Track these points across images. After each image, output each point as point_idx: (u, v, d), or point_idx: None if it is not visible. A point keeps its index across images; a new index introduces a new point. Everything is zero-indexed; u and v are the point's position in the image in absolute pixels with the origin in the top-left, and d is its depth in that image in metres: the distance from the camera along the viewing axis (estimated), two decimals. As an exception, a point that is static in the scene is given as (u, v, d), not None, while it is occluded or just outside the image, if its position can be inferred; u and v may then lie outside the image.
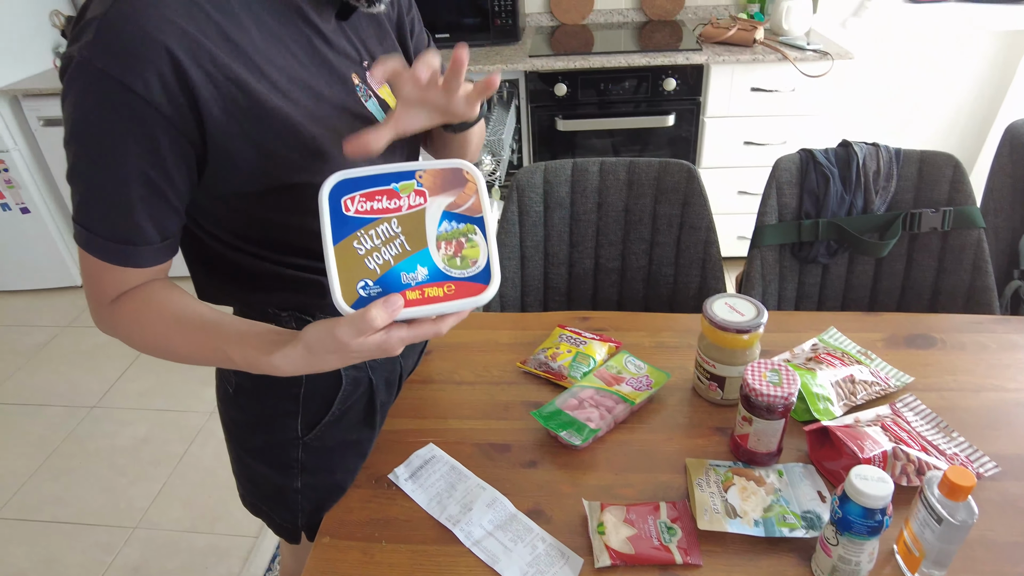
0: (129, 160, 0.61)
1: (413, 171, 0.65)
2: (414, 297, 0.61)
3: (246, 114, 0.64)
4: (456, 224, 0.64)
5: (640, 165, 1.33)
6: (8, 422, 2.30)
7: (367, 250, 0.62)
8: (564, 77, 2.38)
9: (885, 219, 1.28)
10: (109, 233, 0.65)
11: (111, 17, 0.57)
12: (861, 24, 2.55)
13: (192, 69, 0.59)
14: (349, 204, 0.63)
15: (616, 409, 0.93)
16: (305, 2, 0.70)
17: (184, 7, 0.60)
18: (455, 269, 0.63)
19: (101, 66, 0.57)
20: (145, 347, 0.71)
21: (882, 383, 0.97)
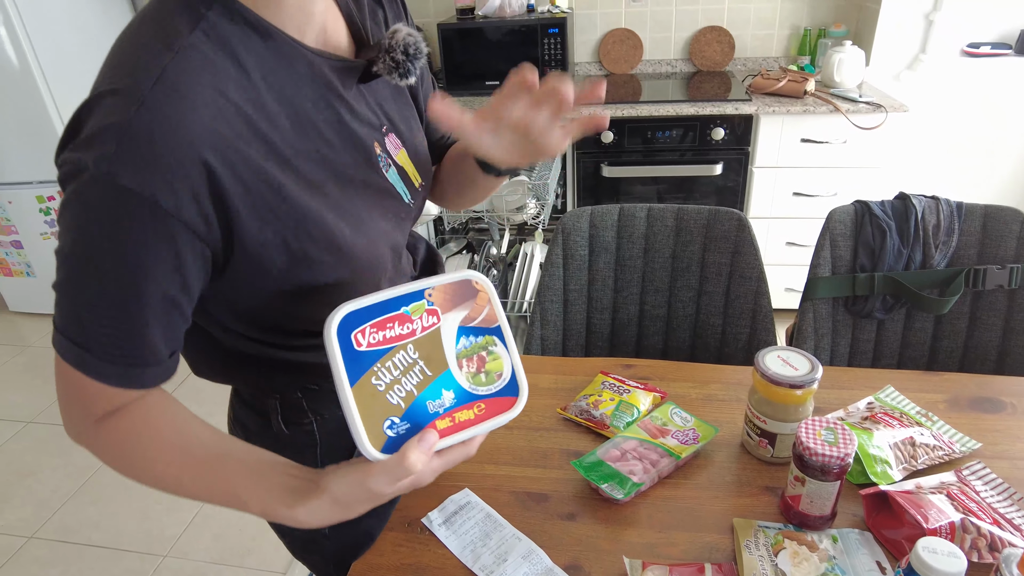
0: (152, 283, 0.54)
1: (422, 290, 0.60)
2: (445, 426, 0.57)
3: (280, 218, 0.59)
4: (474, 338, 0.61)
5: (689, 212, 1.32)
6: (56, 443, 2.36)
7: (387, 384, 0.57)
8: (611, 125, 2.40)
9: (946, 275, 1.23)
10: (111, 355, 0.57)
11: (138, 127, 0.50)
12: (916, 78, 2.52)
13: (227, 179, 0.54)
14: (360, 338, 0.57)
15: (661, 463, 0.90)
16: (333, 74, 0.65)
17: (216, 107, 0.54)
18: (481, 386, 0.59)
19: (125, 183, 0.50)
20: (140, 479, 0.63)
21: (945, 447, 0.91)
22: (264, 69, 0.59)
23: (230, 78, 0.56)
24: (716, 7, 2.74)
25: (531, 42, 2.53)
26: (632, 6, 2.79)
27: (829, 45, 2.55)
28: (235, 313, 0.70)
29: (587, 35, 2.87)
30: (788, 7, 2.71)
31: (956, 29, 2.42)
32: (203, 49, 0.55)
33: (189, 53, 0.54)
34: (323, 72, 0.63)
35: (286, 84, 0.61)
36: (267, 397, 0.83)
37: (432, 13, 2.94)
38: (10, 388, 2.69)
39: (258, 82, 0.58)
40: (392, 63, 0.66)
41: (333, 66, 0.64)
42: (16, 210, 2.94)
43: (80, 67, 2.80)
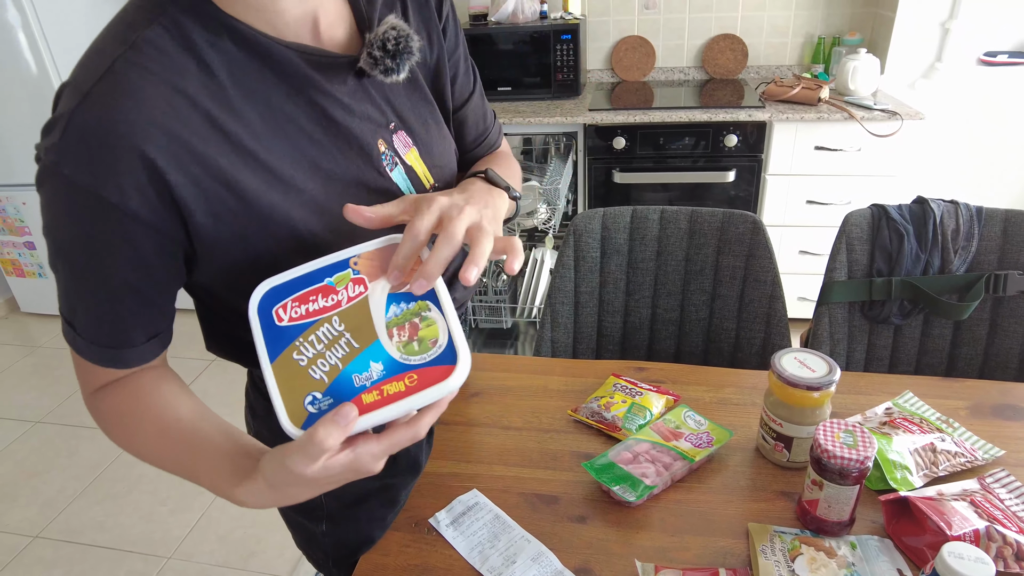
0: (109, 270, 0.55)
1: (347, 259, 0.58)
2: (372, 399, 0.52)
3: (239, 217, 0.58)
4: (406, 305, 0.56)
5: (703, 215, 1.30)
6: (64, 443, 2.36)
7: (309, 359, 0.54)
8: (623, 131, 2.39)
9: (966, 280, 1.21)
10: (94, 336, 0.59)
11: (78, 120, 0.50)
12: (932, 86, 2.50)
13: (173, 175, 0.53)
14: (281, 313, 0.56)
15: (674, 466, 0.88)
16: (316, 71, 0.62)
17: (166, 100, 0.53)
18: (413, 356, 0.54)
19: (68, 173, 0.50)
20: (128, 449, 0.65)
21: (968, 454, 0.88)
22: (231, 66, 0.57)
23: (189, 74, 0.55)
24: (730, 15, 2.74)
25: (543, 48, 2.53)
26: (645, 13, 2.79)
27: (843, 53, 2.54)
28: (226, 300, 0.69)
29: (600, 42, 2.87)
30: (802, 15, 2.70)
31: (972, 37, 2.40)
32: (160, 44, 0.54)
33: (143, 48, 0.53)
34: (299, 68, 0.61)
35: (256, 80, 0.59)
36: None
37: (445, 19, 2.94)
38: (19, 388, 2.70)
39: (223, 79, 0.57)
40: (371, 59, 0.63)
41: (313, 61, 0.61)
42: (29, 212, 2.96)
43: (96, 70, 2.83)
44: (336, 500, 0.87)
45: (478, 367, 1.15)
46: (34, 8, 2.57)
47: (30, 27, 2.58)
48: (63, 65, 2.69)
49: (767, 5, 2.70)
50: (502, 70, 2.60)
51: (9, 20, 2.56)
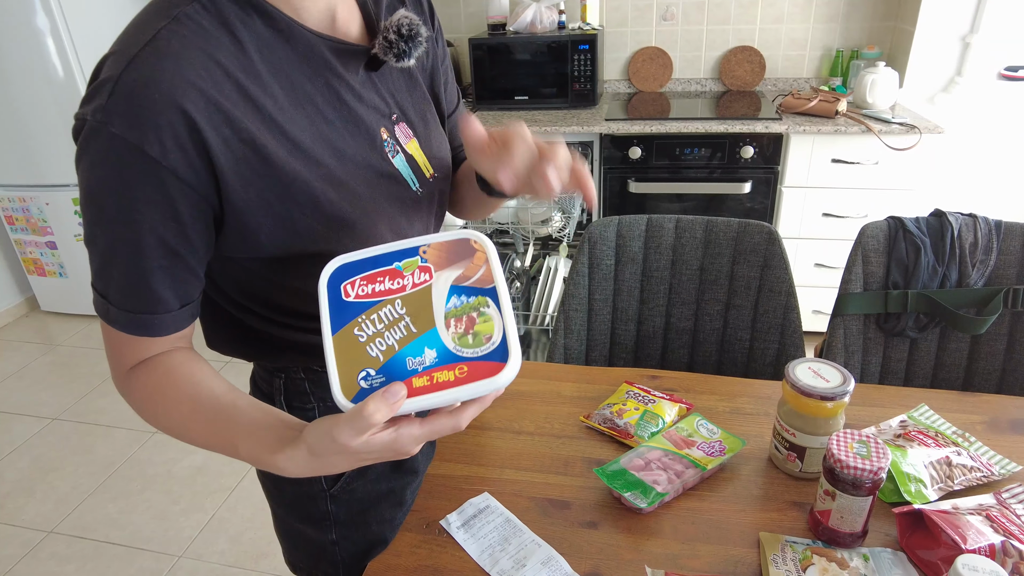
0: (146, 227, 0.58)
1: (417, 247, 0.60)
2: (422, 384, 0.54)
3: (263, 180, 0.61)
4: (466, 298, 0.58)
5: (719, 224, 1.30)
6: (80, 440, 2.39)
7: (368, 336, 0.56)
8: (639, 141, 2.40)
9: (984, 294, 1.20)
10: (126, 302, 0.61)
11: (126, 79, 0.54)
12: (952, 100, 2.48)
13: (208, 132, 0.57)
14: (349, 289, 0.58)
15: (686, 474, 0.88)
16: (334, 57, 0.67)
17: (203, 66, 0.57)
18: (467, 348, 0.55)
19: (115, 130, 0.54)
20: (159, 426, 0.67)
21: (984, 469, 0.88)
22: (260, 43, 0.62)
23: (223, 47, 0.59)
24: (747, 27, 2.74)
25: (561, 58, 2.54)
26: (663, 25, 2.80)
27: (862, 66, 2.53)
28: (240, 287, 0.72)
29: (617, 52, 2.88)
30: (820, 28, 2.69)
31: (993, 52, 2.39)
32: (198, 20, 0.59)
33: (183, 21, 0.58)
34: (321, 52, 0.66)
35: (282, 59, 0.64)
36: (273, 376, 0.83)
37: (464, 28, 2.98)
38: (38, 385, 2.74)
39: (252, 54, 0.61)
40: (386, 43, 0.68)
41: (332, 47, 0.67)
42: (52, 212, 3.01)
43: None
44: (345, 507, 0.87)
45: (491, 372, 1.15)
46: (63, 14, 2.63)
47: (59, 32, 2.64)
48: (90, 67, 2.74)
49: (785, 18, 2.70)
50: (519, 79, 2.62)
51: (38, 25, 2.62)
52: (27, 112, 2.81)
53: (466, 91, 2.95)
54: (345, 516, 0.88)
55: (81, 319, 3.27)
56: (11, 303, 3.33)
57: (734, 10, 2.72)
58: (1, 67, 2.72)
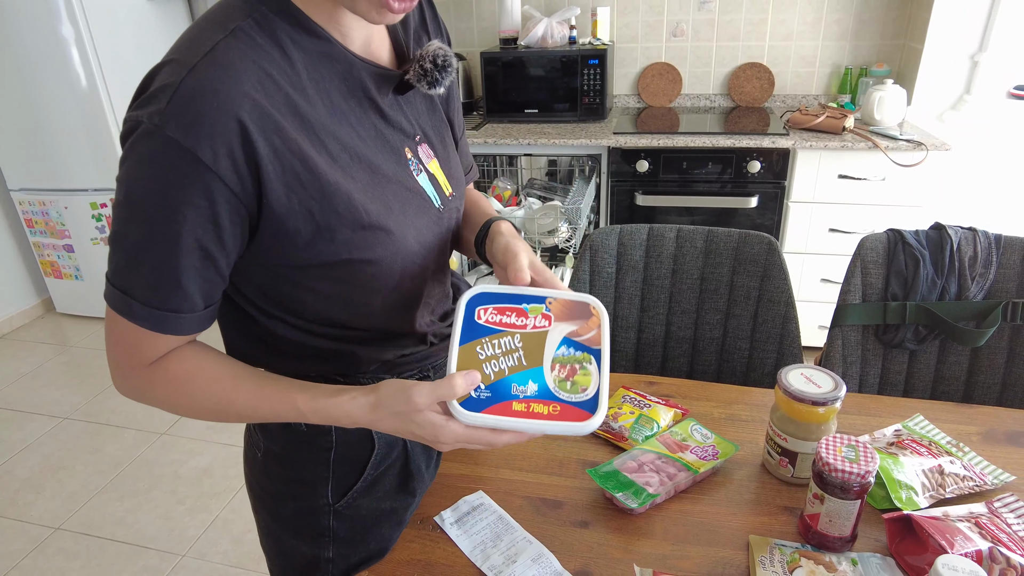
0: (186, 228, 0.59)
1: (544, 297, 0.70)
2: (520, 409, 0.63)
3: (307, 189, 0.63)
4: (574, 351, 0.67)
5: (719, 235, 1.32)
6: (90, 439, 2.42)
7: (487, 356, 0.65)
8: (647, 154, 2.42)
9: (983, 307, 1.20)
10: (152, 300, 0.62)
11: (186, 87, 0.56)
12: (960, 118, 2.49)
13: (260, 142, 0.59)
14: (481, 314, 0.68)
15: (678, 476, 0.89)
16: (369, 78, 0.70)
17: (258, 79, 0.60)
18: (564, 392, 0.64)
19: (172, 134, 0.56)
20: (193, 410, 0.69)
21: (976, 478, 0.88)
22: (306, 60, 0.65)
23: (274, 61, 0.62)
24: (757, 44, 2.77)
25: (571, 72, 2.58)
26: (673, 41, 2.83)
27: (871, 84, 2.55)
28: (266, 291, 0.73)
29: (627, 68, 2.92)
30: (830, 46, 2.71)
31: (1002, 71, 2.39)
32: (252, 34, 0.62)
33: (239, 35, 0.61)
34: (360, 74, 0.69)
35: (325, 76, 0.67)
36: None
37: (476, 42, 3.02)
38: (51, 385, 2.78)
39: (300, 69, 0.65)
40: (421, 71, 0.73)
41: (370, 71, 0.70)
42: (71, 215, 3.08)
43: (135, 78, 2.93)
44: (347, 524, 0.87)
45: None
46: (87, 23, 2.70)
47: (83, 41, 2.71)
48: (111, 76, 2.82)
49: (795, 35, 2.73)
50: (530, 93, 2.65)
51: (63, 34, 2.70)
52: (50, 118, 2.88)
53: (477, 103, 2.99)
54: (346, 533, 0.87)
55: (95, 321, 3.33)
56: (28, 304, 3.39)
57: (744, 27, 2.75)
58: (26, 73, 2.80)
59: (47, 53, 2.74)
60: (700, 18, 2.77)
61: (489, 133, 2.56)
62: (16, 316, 3.32)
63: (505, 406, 0.63)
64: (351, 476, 0.85)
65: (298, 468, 0.84)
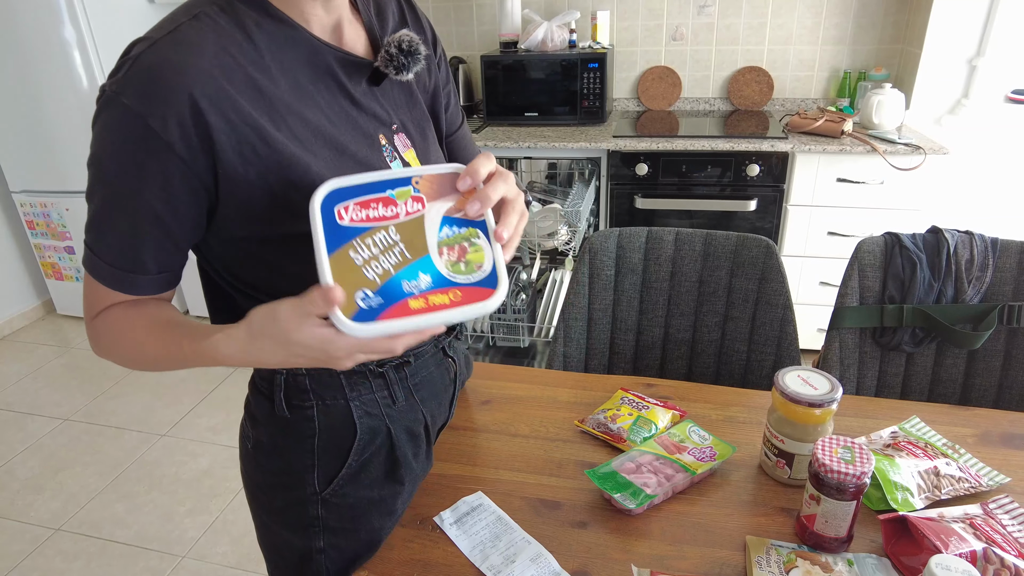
0: (140, 194, 0.63)
1: (409, 177, 0.63)
2: (418, 306, 0.58)
3: (263, 160, 0.65)
4: (458, 229, 0.62)
5: (717, 237, 1.33)
6: (90, 441, 2.43)
7: (364, 260, 0.59)
8: (646, 157, 2.43)
9: (979, 310, 1.21)
10: (113, 259, 0.67)
11: (144, 58, 0.61)
12: (958, 122, 2.50)
13: (211, 114, 0.62)
14: (343, 213, 0.60)
15: (676, 478, 0.89)
16: (338, 66, 0.73)
17: (215, 56, 0.63)
18: (460, 275, 0.60)
19: (127, 101, 0.60)
20: (119, 355, 0.72)
21: (972, 480, 0.89)
22: (271, 43, 0.68)
23: (235, 42, 0.66)
24: (756, 48, 2.78)
25: (571, 76, 2.59)
26: (673, 45, 2.84)
27: (869, 88, 2.56)
28: (242, 272, 0.75)
29: (627, 71, 2.93)
30: (828, 50, 2.73)
31: (1000, 75, 2.41)
32: (216, 18, 0.65)
33: (203, 19, 0.65)
34: (326, 59, 0.72)
35: (291, 59, 0.70)
36: (274, 373, 0.83)
37: (476, 45, 3.04)
38: (51, 386, 2.79)
39: (263, 51, 0.68)
40: (387, 56, 0.75)
41: (338, 57, 0.73)
42: (72, 217, 3.09)
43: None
44: (335, 512, 0.87)
45: (489, 376, 1.18)
46: (89, 26, 2.71)
47: (84, 44, 2.72)
48: (112, 79, 2.83)
49: (794, 39, 2.74)
50: (530, 96, 2.66)
51: (65, 36, 2.71)
52: (52, 120, 2.89)
53: (478, 106, 3.00)
54: (335, 522, 0.87)
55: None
56: (28, 306, 3.40)
57: (743, 31, 2.76)
58: (28, 76, 2.81)
59: (49, 55, 2.76)
60: (699, 22, 2.79)
61: (489, 136, 2.57)
62: (17, 317, 3.32)
63: (402, 306, 0.57)
64: (336, 463, 0.85)
65: (285, 457, 0.85)
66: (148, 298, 0.72)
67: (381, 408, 0.85)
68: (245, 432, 0.89)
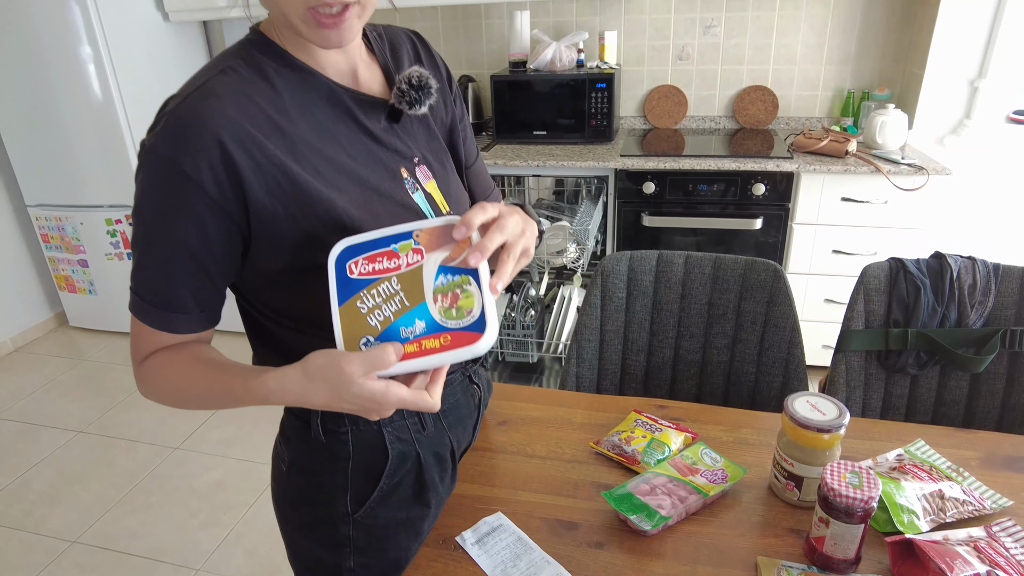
0: (177, 235, 0.68)
1: (410, 232, 0.69)
2: (412, 350, 0.63)
3: (290, 197, 0.70)
4: (451, 277, 0.67)
5: (726, 261, 1.36)
6: (104, 453, 2.46)
7: (369, 308, 0.66)
8: (653, 176, 2.47)
9: (982, 334, 1.24)
10: (152, 298, 0.71)
11: (177, 111, 0.67)
12: (961, 142, 2.54)
13: (239, 156, 0.67)
14: (353, 267, 0.68)
15: (689, 499, 0.93)
16: (356, 106, 0.78)
17: (241, 104, 0.69)
18: (451, 320, 0.64)
19: (162, 151, 0.66)
20: (167, 395, 0.75)
21: (976, 503, 0.92)
22: (291, 89, 0.74)
23: (259, 90, 0.72)
24: (761, 68, 2.83)
25: (579, 95, 2.64)
26: (679, 64, 2.89)
27: (872, 108, 2.60)
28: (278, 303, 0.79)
29: (633, 90, 2.97)
30: (832, 70, 2.77)
31: (1001, 96, 2.45)
32: (240, 71, 0.72)
33: (229, 72, 0.71)
34: (343, 99, 0.77)
35: (310, 102, 0.75)
36: None
37: (486, 65, 3.09)
38: (65, 398, 2.82)
39: (285, 97, 0.73)
40: (399, 92, 0.80)
41: (353, 97, 0.78)
42: (86, 231, 3.13)
43: (151, 99, 3.02)
44: (365, 533, 0.90)
45: (505, 396, 1.21)
46: (107, 44, 2.77)
47: (101, 61, 2.77)
48: (128, 96, 2.88)
49: (798, 59, 2.78)
50: (538, 115, 2.71)
51: (82, 55, 2.77)
52: (68, 136, 2.95)
53: (487, 124, 3.05)
54: (365, 542, 0.91)
55: (107, 335, 3.37)
56: (41, 318, 3.44)
57: (748, 51, 2.81)
58: (46, 92, 2.87)
59: (66, 72, 2.81)
60: (705, 42, 2.83)
61: (498, 154, 2.62)
62: (30, 329, 3.37)
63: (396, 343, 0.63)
64: (368, 485, 0.89)
65: (319, 478, 0.89)
66: (191, 341, 0.76)
67: (411, 433, 0.89)
68: (279, 452, 0.92)
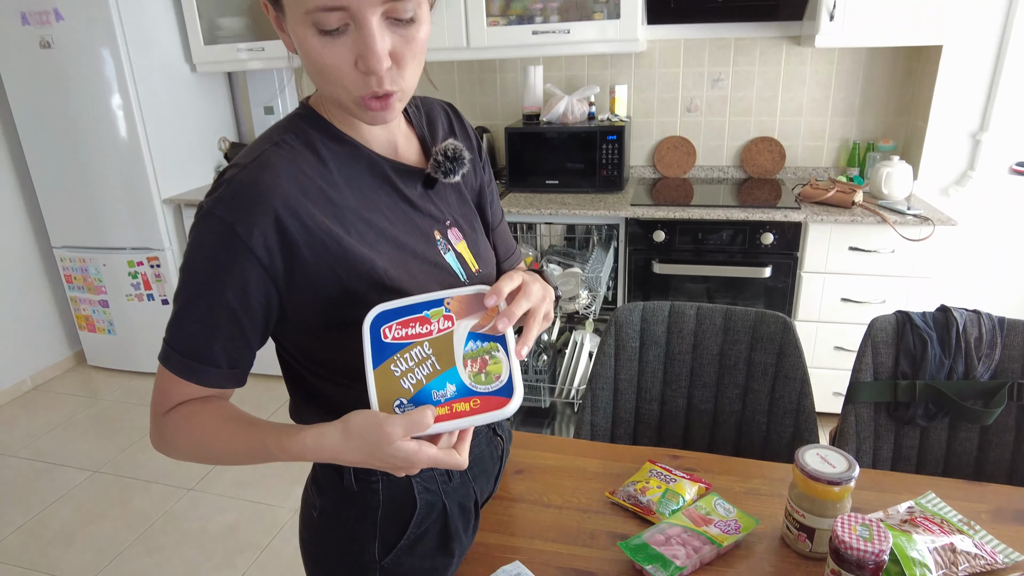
0: (220, 291, 0.72)
1: (442, 299, 0.74)
2: (443, 413, 0.67)
3: (336, 258, 0.76)
4: (481, 343, 0.71)
5: (736, 313, 1.40)
6: (119, 493, 2.48)
7: (402, 371, 0.70)
8: (663, 225, 2.53)
9: (990, 386, 1.27)
10: (184, 349, 0.75)
11: (235, 179, 0.73)
12: (965, 193, 2.59)
13: (290, 222, 0.73)
14: (387, 332, 0.72)
15: (703, 550, 0.95)
16: (395, 175, 0.84)
17: (292, 174, 0.75)
18: (480, 385, 0.68)
19: (219, 213, 0.71)
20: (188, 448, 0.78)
21: (988, 557, 0.93)
22: (337, 161, 0.81)
23: (309, 162, 0.78)
24: (768, 119, 2.91)
25: (590, 147, 2.72)
26: (687, 116, 2.98)
27: (878, 158, 2.66)
28: (309, 354, 0.85)
29: (643, 140, 3.06)
30: (837, 121, 2.85)
31: (1004, 148, 2.51)
32: (292, 144, 0.78)
33: (283, 145, 0.78)
34: (384, 169, 0.84)
35: (355, 173, 0.82)
36: None
37: (500, 116, 3.19)
38: (80, 438, 2.86)
39: (331, 167, 0.80)
40: (435, 163, 0.87)
41: (393, 167, 0.85)
42: (108, 272, 3.21)
43: (177, 146, 3.14)
44: None
45: (522, 445, 1.24)
46: (137, 94, 2.89)
47: (131, 110, 2.89)
48: (155, 143, 3.00)
49: (804, 111, 2.86)
50: (551, 165, 2.79)
51: (113, 104, 2.89)
52: (95, 180, 3.05)
53: (500, 173, 3.13)
54: None
55: (125, 375, 3.42)
56: (60, 356, 3.50)
57: (755, 103, 2.90)
58: (77, 138, 2.99)
59: (96, 120, 2.93)
60: (713, 95, 2.93)
61: (512, 203, 2.69)
62: (49, 368, 3.42)
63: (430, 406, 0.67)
64: (395, 533, 0.91)
65: (348, 525, 0.91)
66: (215, 396, 0.80)
67: (439, 484, 0.92)
68: (310, 499, 0.95)
